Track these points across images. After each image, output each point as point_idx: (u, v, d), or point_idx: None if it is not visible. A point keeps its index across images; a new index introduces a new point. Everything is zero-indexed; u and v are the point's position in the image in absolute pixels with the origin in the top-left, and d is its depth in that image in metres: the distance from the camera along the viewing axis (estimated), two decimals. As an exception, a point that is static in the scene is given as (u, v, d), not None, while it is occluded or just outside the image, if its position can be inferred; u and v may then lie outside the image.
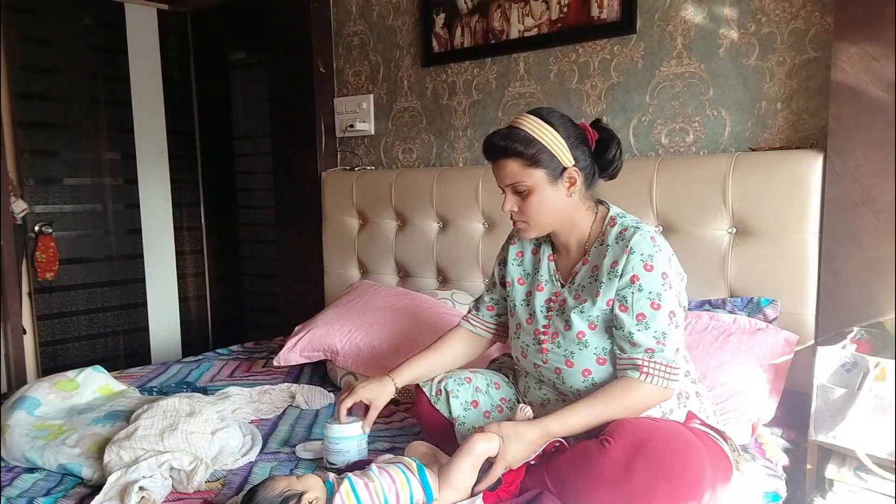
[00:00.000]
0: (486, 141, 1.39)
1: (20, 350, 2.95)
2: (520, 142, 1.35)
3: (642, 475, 1.16)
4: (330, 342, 2.19)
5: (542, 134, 1.36)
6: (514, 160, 1.36)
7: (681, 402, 1.40)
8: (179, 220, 3.74)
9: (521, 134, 1.36)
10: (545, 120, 1.37)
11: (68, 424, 1.64)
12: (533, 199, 1.38)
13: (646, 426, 1.23)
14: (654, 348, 1.30)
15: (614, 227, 1.39)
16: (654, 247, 1.33)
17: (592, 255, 1.41)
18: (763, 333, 1.73)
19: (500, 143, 1.37)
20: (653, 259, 1.32)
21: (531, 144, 1.35)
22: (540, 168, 1.36)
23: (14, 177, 3.08)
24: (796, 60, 1.87)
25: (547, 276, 1.49)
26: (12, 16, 3.05)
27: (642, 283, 1.31)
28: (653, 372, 1.30)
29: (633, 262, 1.32)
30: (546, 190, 1.37)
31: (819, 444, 1.45)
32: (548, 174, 1.36)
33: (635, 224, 1.37)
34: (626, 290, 1.33)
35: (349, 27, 2.88)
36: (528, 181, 1.37)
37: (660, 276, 1.31)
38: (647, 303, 1.31)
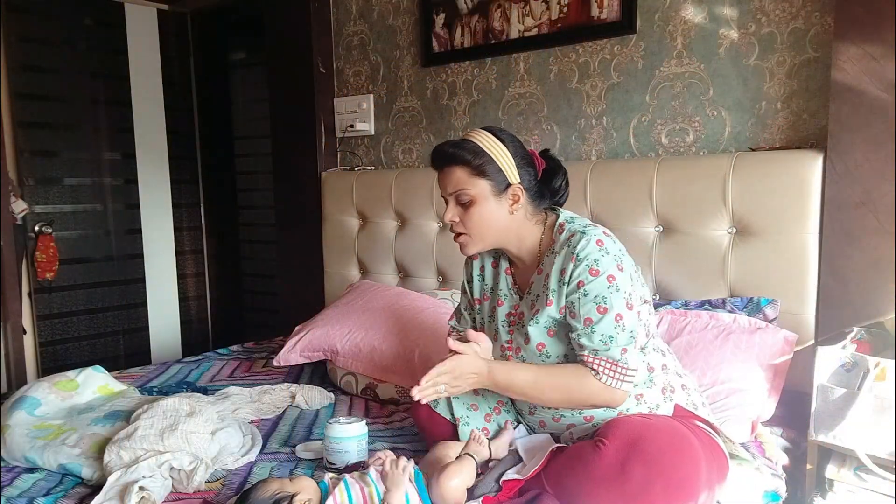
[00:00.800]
0: (436, 149, 1.42)
1: (20, 350, 2.95)
2: (468, 151, 1.37)
3: (637, 475, 1.16)
4: (330, 342, 2.19)
5: (491, 147, 1.38)
6: (461, 168, 1.38)
7: (666, 397, 1.40)
8: (179, 220, 3.73)
9: (471, 144, 1.38)
10: (496, 136, 1.40)
11: (68, 424, 1.64)
12: (475, 210, 1.39)
13: (640, 425, 1.23)
14: (599, 350, 1.31)
15: (562, 234, 1.39)
16: (599, 251, 1.32)
17: (545, 263, 1.41)
18: (763, 332, 1.73)
19: (449, 150, 1.39)
20: (598, 263, 1.31)
21: (479, 155, 1.37)
22: (485, 179, 1.37)
23: (14, 177, 3.08)
24: (796, 60, 1.87)
25: (506, 290, 1.50)
26: (12, 16, 3.05)
27: (587, 289, 1.31)
28: (598, 368, 1.31)
29: (580, 268, 1.32)
30: (489, 202, 1.38)
31: (819, 444, 1.45)
32: (492, 187, 1.38)
33: (582, 228, 1.37)
34: (573, 296, 1.33)
35: (349, 27, 2.88)
36: (472, 190, 1.38)
37: (605, 279, 1.30)
38: (594, 307, 1.30)
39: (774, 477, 1.46)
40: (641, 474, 1.16)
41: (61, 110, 3.25)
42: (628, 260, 1.36)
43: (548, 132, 2.36)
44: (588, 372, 1.32)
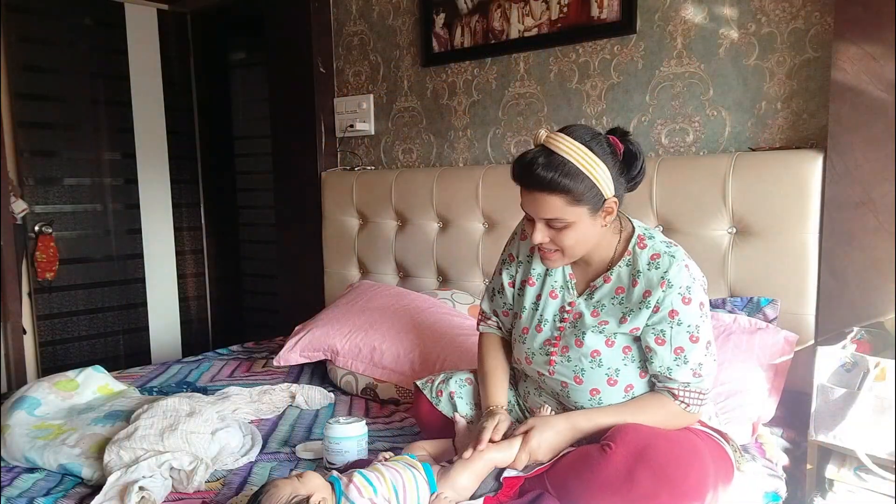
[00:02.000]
0: (526, 168, 1.25)
1: (20, 350, 2.95)
2: (568, 176, 1.22)
3: (644, 482, 1.15)
4: (330, 342, 2.19)
5: (590, 167, 1.23)
6: (558, 196, 1.24)
7: None
8: (179, 220, 3.73)
9: (569, 166, 1.22)
10: (590, 148, 1.24)
11: (68, 424, 1.64)
12: (570, 233, 1.28)
13: (647, 432, 1.22)
14: (691, 381, 1.30)
15: (644, 251, 1.32)
16: (690, 278, 1.29)
17: (617, 274, 1.34)
18: (763, 333, 1.73)
19: (545, 174, 1.22)
20: (690, 291, 1.28)
21: (579, 180, 1.23)
22: (584, 205, 1.25)
23: (14, 177, 3.08)
24: (796, 60, 1.87)
25: (561, 283, 1.41)
26: (12, 16, 3.05)
27: (681, 318, 1.28)
28: (687, 400, 1.31)
29: (671, 296, 1.27)
30: (585, 224, 1.28)
31: (819, 444, 1.45)
32: (590, 209, 1.27)
33: (668, 250, 1.31)
34: (663, 324, 1.29)
35: (349, 27, 2.88)
36: (569, 218, 1.26)
37: (697, 307, 1.29)
38: (686, 336, 1.28)
39: (774, 477, 1.46)
40: (648, 482, 1.15)
41: (61, 110, 3.25)
42: (705, 281, 1.35)
43: (548, 132, 2.35)
44: (668, 399, 1.31)
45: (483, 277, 2.43)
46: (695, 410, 1.32)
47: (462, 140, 2.59)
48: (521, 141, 2.42)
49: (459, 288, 2.46)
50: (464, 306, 2.30)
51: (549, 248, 1.32)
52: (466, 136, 2.58)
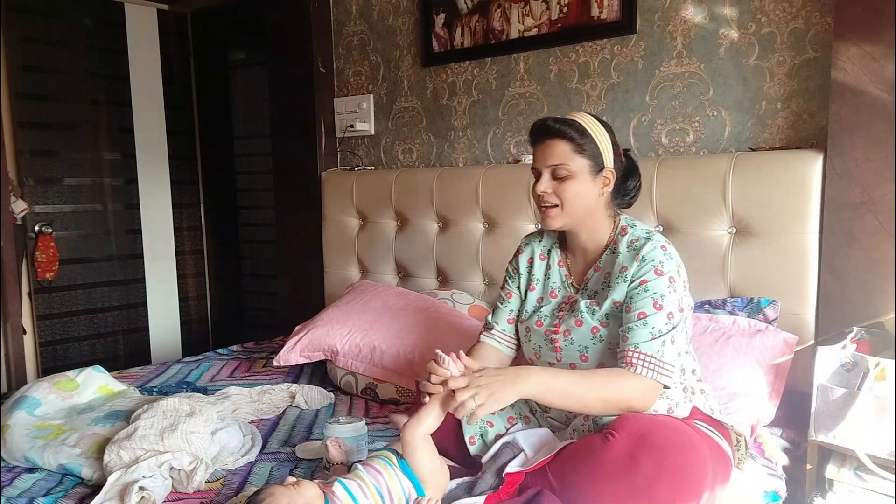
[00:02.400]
0: (539, 122, 1.44)
1: (20, 350, 2.95)
2: (574, 129, 1.41)
3: (646, 467, 1.16)
4: (330, 342, 2.19)
5: (595, 130, 1.42)
6: (565, 143, 1.40)
7: (686, 397, 1.41)
8: (179, 220, 3.74)
9: (577, 124, 1.42)
10: (599, 120, 1.44)
11: (68, 424, 1.64)
12: (571, 184, 1.41)
13: (648, 420, 1.24)
14: (642, 343, 1.33)
15: (625, 236, 1.44)
16: (664, 255, 1.39)
17: (604, 262, 1.46)
18: (762, 335, 1.73)
19: (555, 125, 1.41)
20: (662, 265, 1.37)
21: (584, 135, 1.41)
22: (586, 158, 1.41)
23: (14, 177, 3.08)
24: (796, 60, 1.87)
25: (559, 283, 1.53)
26: (12, 16, 3.05)
27: (648, 286, 1.36)
28: (636, 363, 1.32)
29: (644, 268, 1.37)
30: (585, 179, 1.42)
31: (819, 444, 1.45)
32: (591, 166, 1.41)
33: (646, 234, 1.43)
34: (633, 291, 1.38)
35: (349, 27, 2.88)
36: (572, 165, 1.40)
37: (667, 280, 1.37)
38: (650, 302, 1.35)
39: (774, 477, 1.46)
40: (650, 467, 1.16)
41: (61, 110, 3.25)
42: (683, 269, 1.43)
43: (548, 132, 2.35)
44: (625, 372, 1.33)
45: (483, 277, 2.43)
46: (647, 375, 1.31)
47: (462, 140, 2.59)
48: (521, 141, 2.42)
49: (459, 288, 2.46)
50: (464, 306, 2.29)
51: (550, 202, 1.43)
52: (466, 136, 2.58)
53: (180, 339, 3.80)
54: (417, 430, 1.29)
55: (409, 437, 1.29)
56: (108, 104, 3.40)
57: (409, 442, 1.29)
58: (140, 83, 3.50)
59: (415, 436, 1.29)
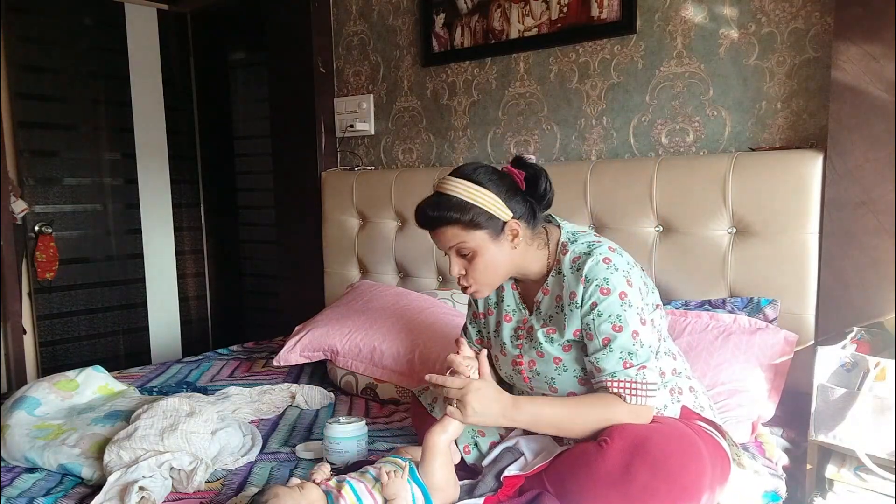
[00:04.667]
0: (419, 212, 1.36)
1: (20, 350, 2.95)
2: (453, 209, 1.32)
3: (641, 476, 1.16)
4: (330, 342, 2.19)
5: (474, 196, 1.32)
6: (451, 226, 1.33)
7: (674, 398, 1.40)
8: (179, 220, 3.74)
9: (454, 200, 1.32)
10: (472, 180, 1.33)
11: (68, 424, 1.64)
12: (479, 261, 1.35)
13: (644, 427, 1.23)
14: (618, 370, 1.28)
15: (566, 255, 1.37)
16: (607, 269, 1.31)
17: (551, 283, 1.40)
18: (763, 333, 1.73)
19: (433, 213, 1.34)
20: (608, 282, 1.30)
21: (466, 210, 1.32)
22: (481, 229, 1.33)
23: (14, 177, 3.08)
24: (796, 60, 1.87)
25: (514, 306, 1.48)
26: (12, 16, 3.05)
27: (601, 309, 1.30)
28: (622, 391, 1.28)
29: (590, 290, 1.30)
30: (490, 249, 1.35)
31: (819, 444, 1.45)
32: (489, 233, 1.34)
33: (587, 249, 1.35)
34: (587, 317, 1.31)
35: (349, 27, 2.88)
36: (470, 243, 1.34)
37: (617, 297, 1.29)
38: (609, 326, 1.29)
39: (774, 477, 1.46)
40: (646, 477, 1.15)
41: (61, 110, 3.25)
42: (636, 272, 1.35)
43: (548, 132, 2.36)
44: (613, 397, 1.29)
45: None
46: (636, 402, 1.28)
47: (462, 140, 2.59)
48: (521, 141, 2.42)
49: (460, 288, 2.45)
50: (464, 306, 2.29)
51: (468, 282, 1.40)
52: (466, 136, 2.58)
53: (180, 339, 3.80)
54: (441, 437, 1.28)
55: (431, 443, 1.28)
56: (108, 104, 3.40)
57: (431, 448, 1.28)
58: (140, 83, 3.50)
59: (437, 442, 1.28)
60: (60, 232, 3.26)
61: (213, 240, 3.91)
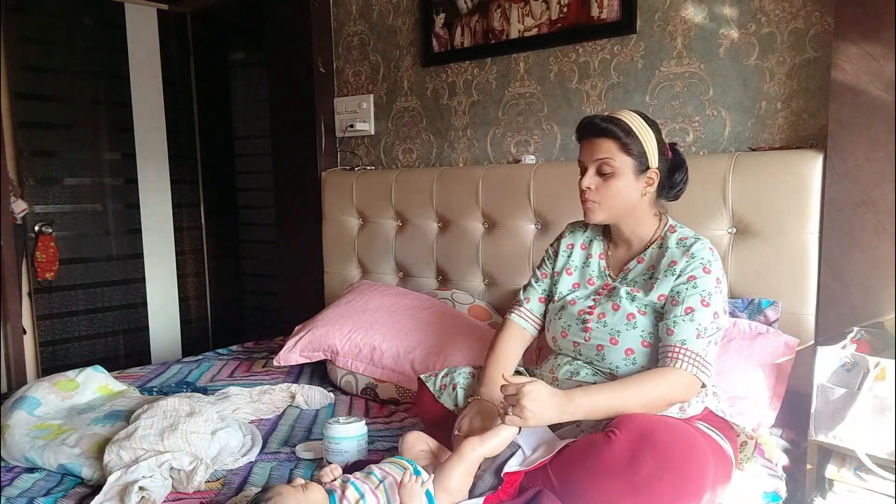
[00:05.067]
0: (587, 120, 1.47)
1: (20, 350, 2.95)
2: (620, 128, 1.43)
3: (647, 466, 1.17)
4: (330, 342, 2.19)
5: (640, 130, 1.45)
6: (611, 141, 1.44)
7: (700, 397, 1.41)
8: (179, 220, 3.74)
9: (623, 123, 1.44)
10: (645, 119, 1.47)
11: (68, 424, 1.64)
12: (614, 183, 1.45)
13: (651, 419, 1.24)
14: (689, 339, 1.36)
15: (674, 234, 1.48)
16: (712, 255, 1.44)
17: (649, 255, 1.50)
18: (763, 338, 1.73)
19: (602, 123, 1.45)
20: (711, 264, 1.42)
21: (630, 134, 1.44)
22: (631, 157, 1.44)
23: (14, 177, 3.08)
24: (796, 60, 1.87)
25: (597, 273, 1.57)
26: (12, 16, 3.05)
27: (698, 282, 1.40)
28: (682, 358, 1.35)
29: (694, 264, 1.41)
30: (629, 178, 1.45)
31: (819, 444, 1.45)
32: (635, 165, 1.44)
33: (695, 235, 1.47)
34: (681, 286, 1.41)
35: (349, 27, 2.88)
36: (616, 163, 1.44)
37: (714, 279, 1.41)
38: (699, 299, 1.39)
39: (774, 477, 1.46)
40: (651, 466, 1.16)
41: (61, 110, 3.25)
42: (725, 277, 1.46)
43: (548, 132, 2.36)
44: (663, 371, 1.35)
45: (483, 277, 2.43)
46: (692, 371, 1.33)
47: (462, 140, 2.59)
48: (521, 141, 2.42)
49: (459, 288, 2.46)
50: (464, 306, 2.30)
51: (593, 197, 1.48)
52: (466, 136, 2.58)
53: (180, 339, 3.80)
54: (479, 449, 1.28)
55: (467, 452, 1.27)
56: (108, 104, 3.40)
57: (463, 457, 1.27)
58: (140, 83, 3.50)
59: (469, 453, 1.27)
60: (60, 232, 3.26)
61: (213, 240, 3.91)
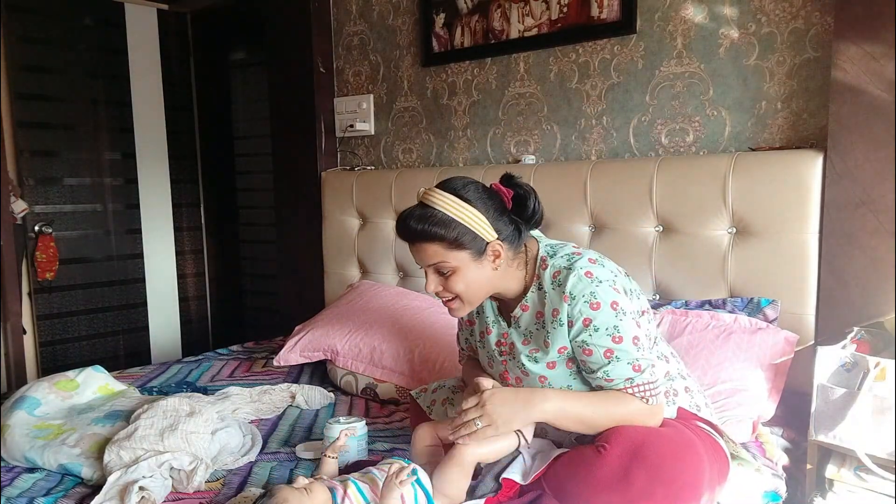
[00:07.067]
0: (401, 222, 1.32)
1: (20, 350, 2.95)
2: (438, 225, 1.28)
3: (639, 480, 1.16)
4: (330, 342, 2.19)
5: (461, 214, 1.28)
6: (434, 243, 1.29)
7: (669, 401, 1.39)
8: (179, 220, 3.74)
9: (438, 215, 1.28)
10: (461, 197, 1.29)
11: (68, 424, 1.64)
12: (458, 279, 1.31)
13: (642, 431, 1.23)
14: (633, 375, 1.27)
15: (546, 271, 1.33)
16: (591, 283, 1.27)
17: (530, 300, 1.36)
18: (763, 333, 1.73)
19: (417, 226, 1.29)
20: (595, 296, 1.26)
21: (451, 227, 1.28)
22: (463, 250, 1.29)
23: (14, 177, 3.08)
24: (796, 60, 1.87)
25: (493, 318, 1.45)
26: (12, 16, 3.05)
27: (596, 324, 1.26)
28: (638, 394, 1.27)
29: (578, 307, 1.27)
30: (470, 269, 1.31)
31: (819, 444, 1.45)
32: (471, 254, 1.30)
33: (567, 263, 1.31)
34: (582, 334, 1.27)
35: (349, 27, 2.88)
36: (451, 262, 1.30)
37: (609, 308, 1.26)
38: (609, 339, 1.26)
39: (774, 477, 1.46)
40: (643, 480, 1.16)
41: (61, 110, 3.25)
42: (621, 279, 1.32)
43: (548, 132, 2.36)
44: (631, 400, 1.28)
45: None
46: (652, 402, 1.28)
47: (462, 140, 2.59)
48: (521, 141, 2.42)
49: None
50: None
51: (445, 297, 1.36)
52: (466, 136, 2.58)
53: (180, 339, 3.80)
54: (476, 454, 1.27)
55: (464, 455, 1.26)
56: (108, 104, 3.40)
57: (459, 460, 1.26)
58: (140, 83, 3.50)
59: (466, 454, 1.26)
60: (60, 232, 3.26)
61: (213, 240, 3.91)
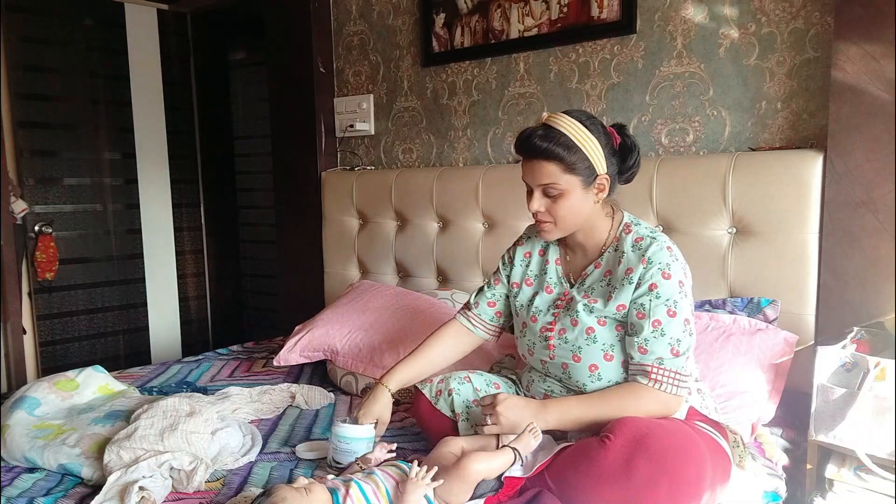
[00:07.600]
0: (524, 139, 1.36)
1: (20, 350, 2.95)
2: (561, 146, 1.33)
3: (643, 471, 1.16)
4: (330, 342, 2.19)
5: (583, 141, 1.34)
6: (553, 163, 1.34)
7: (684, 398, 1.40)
8: (179, 220, 3.74)
9: (564, 138, 1.33)
10: (585, 125, 1.35)
11: (68, 424, 1.64)
12: (563, 203, 1.37)
13: (646, 423, 1.24)
14: (666, 356, 1.32)
15: (629, 234, 1.40)
16: (670, 256, 1.35)
17: (606, 259, 1.43)
18: (763, 334, 1.73)
19: (541, 143, 1.34)
20: (670, 268, 1.34)
21: (572, 150, 1.33)
22: (576, 175, 1.35)
23: (14, 177, 3.08)
24: (796, 60, 1.87)
25: (555, 279, 1.51)
26: (12, 16, 3.05)
27: (660, 291, 1.33)
28: (661, 379, 1.31)
29: (652, 271, 1.34)
30: (577, 195, 1.37)
31: (819, 444, 1.45)
32: (582, 181, 1.36)
33: (651, 234, 1.39)
34: (643, 297, 1.34)
35: (349, 27, 2.88)
36: (562, 185, 1.36)
37: (676, 284, 1.34)
38: (664, 310, 1.33)
39: (774, 477, 1.46)
40: (647, 471, 1.16)
41: (61, 110, 3.25)
42: (689, 272, 1.40)
43: (548, 132, 2.35)
44: (641, 388, 1.32)
45: (483, 277, 2.43)
46: (671, 391, 1.32)
47: (462, 140, 2.59)
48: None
49: (459, 288, 2.46)
50: (464, 306, 2.29)
51: (545, 218, 1.41)
52: (466, 136, 2.58)
53: (180, 339, 3.80)
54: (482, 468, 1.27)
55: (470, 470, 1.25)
56: (108, 104, 3.40)
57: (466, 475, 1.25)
58: (140, 83, 3.50)
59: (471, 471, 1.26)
60: (60, 232, 3.26)
61: (212, 240, 3.91)
